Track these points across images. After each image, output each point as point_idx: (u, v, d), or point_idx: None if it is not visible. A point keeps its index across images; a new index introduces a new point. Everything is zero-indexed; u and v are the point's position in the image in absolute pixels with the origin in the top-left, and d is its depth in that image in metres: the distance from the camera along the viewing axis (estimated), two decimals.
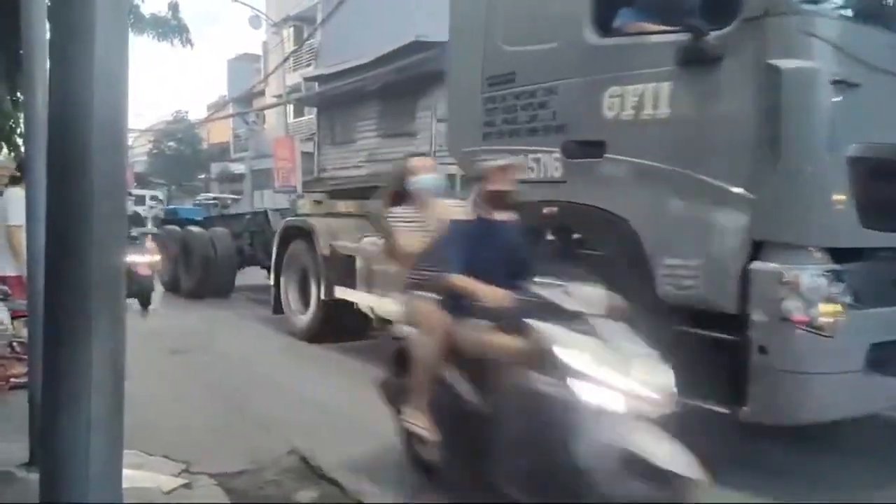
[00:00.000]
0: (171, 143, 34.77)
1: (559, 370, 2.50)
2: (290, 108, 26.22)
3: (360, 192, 7.32)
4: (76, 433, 1.23)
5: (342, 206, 7.68)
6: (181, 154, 34.57)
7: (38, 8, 3.24)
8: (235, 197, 23.54)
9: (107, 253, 1.25)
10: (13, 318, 4.85)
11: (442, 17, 5.05)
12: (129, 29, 1.30)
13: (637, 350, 2.61)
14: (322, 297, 6.73)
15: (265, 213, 11.36)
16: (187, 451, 3.68)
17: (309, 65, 25.23)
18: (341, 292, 6.54)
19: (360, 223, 6.68)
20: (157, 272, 9.77)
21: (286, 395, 5.11)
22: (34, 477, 3.07)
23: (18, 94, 7.32)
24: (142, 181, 28.34)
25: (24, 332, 4.13)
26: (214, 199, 21.12)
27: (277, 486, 3.40)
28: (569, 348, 2.55)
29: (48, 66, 3.16)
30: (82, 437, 1.23)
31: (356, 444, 3.86)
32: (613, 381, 2.45)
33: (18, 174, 4.75)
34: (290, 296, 7.54)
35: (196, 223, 12.25)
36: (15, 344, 4.42)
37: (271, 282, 7.92)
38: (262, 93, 28.92)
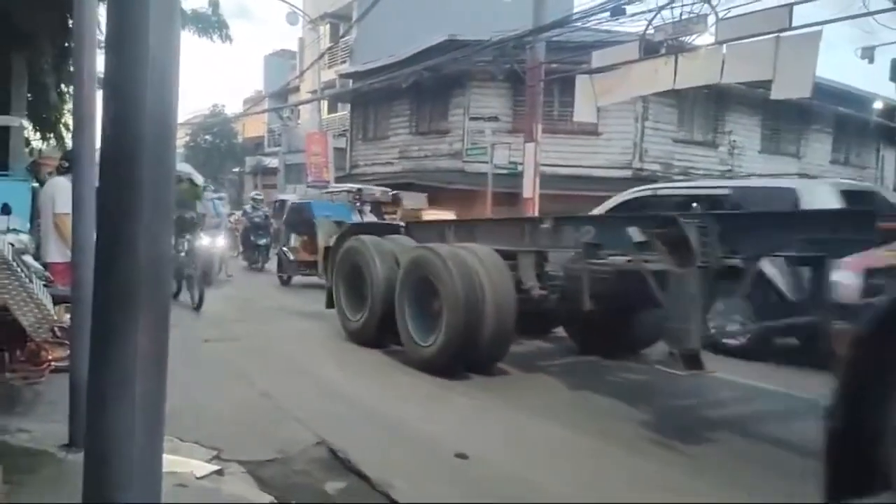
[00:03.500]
0: (207, 137, 35.39)
1: None
2: (325, 104, 26.50)
3: None
4: (122, 417, 1.28)
5: None
6: (217, 147, 35.16)
7: (89, 4, 3.34)
8: (385, 189, 15.18)
9: (155, 243, 1.30)
10: (54, 303, 5.00)
11: (474, 15, 5.00)
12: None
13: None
14: None
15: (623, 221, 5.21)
16: None
17: (344, 62, 25.46)
18: None
19: None
20: None
21: None
22: (73, 458, 3.18)
23: (63, 86, 7.56)
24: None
25: (66, 318, 4.26)
26: (358, 190, 14.14)
27: (306, 476, 3.46)
28: None
29: (97, 60, 3.28)
30: (128, 420, 1.28)
31: None
32: None
33: (67, 164, 4.90)
34: None
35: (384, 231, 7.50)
36: (56, 329, 4.54)
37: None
38: (297, 88, 29.26)
